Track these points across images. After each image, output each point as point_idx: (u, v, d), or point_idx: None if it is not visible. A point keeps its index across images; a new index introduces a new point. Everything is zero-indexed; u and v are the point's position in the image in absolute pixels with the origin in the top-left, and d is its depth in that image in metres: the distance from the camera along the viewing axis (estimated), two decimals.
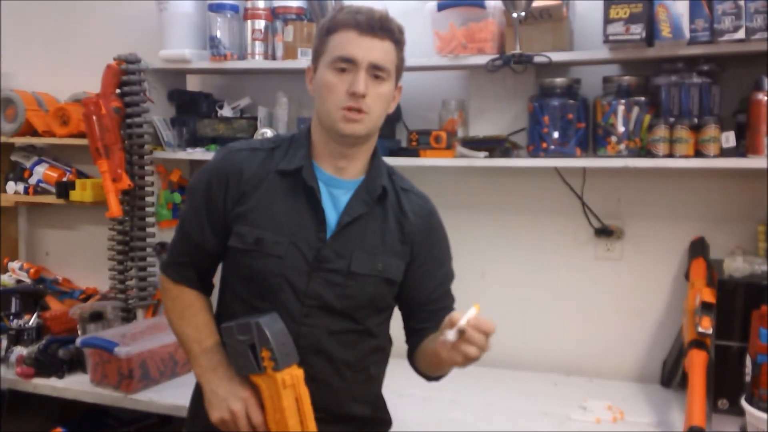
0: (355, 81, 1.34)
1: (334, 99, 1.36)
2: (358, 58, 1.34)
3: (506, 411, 1.99)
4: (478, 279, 2.41)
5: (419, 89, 2.40)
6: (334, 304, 1.41)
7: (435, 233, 1.54)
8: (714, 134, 1.92)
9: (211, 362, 1.39)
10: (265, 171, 1.43)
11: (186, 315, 1.47)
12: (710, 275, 1.95)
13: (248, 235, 1.40)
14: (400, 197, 1.49)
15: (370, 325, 1.46)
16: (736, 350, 1.81)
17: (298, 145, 1.46)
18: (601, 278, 2.28)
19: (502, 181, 2.36)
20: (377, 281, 1.44)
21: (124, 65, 2.41)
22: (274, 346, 1.27)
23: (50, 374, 2.22)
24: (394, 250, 1.45)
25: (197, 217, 1.46)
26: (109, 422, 2.45)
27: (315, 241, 1.40)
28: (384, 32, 1.37)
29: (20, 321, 2.38)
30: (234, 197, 1.42)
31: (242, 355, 1.29)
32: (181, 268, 1.49)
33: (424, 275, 1.51)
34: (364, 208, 1.43)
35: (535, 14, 2.05)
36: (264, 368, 1.28)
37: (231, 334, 1.30)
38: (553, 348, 2.34)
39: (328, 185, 1.43)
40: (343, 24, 1.36)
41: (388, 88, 1.40)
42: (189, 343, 1.44)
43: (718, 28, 1.87)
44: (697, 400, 1.66)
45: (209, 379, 1.38)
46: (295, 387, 1.29)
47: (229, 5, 2.38)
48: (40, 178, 2.76)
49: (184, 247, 1.49)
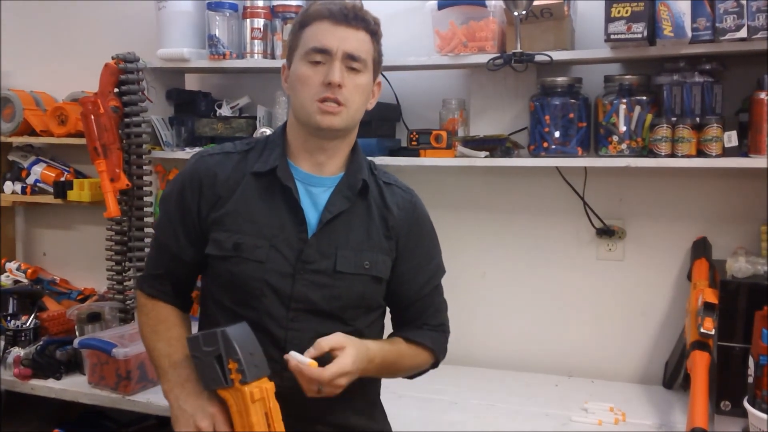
0: (331, 71, 1.31)
1: (309, 91, 1.33)
2: (332, 47, 1.32)
3: (507, 412, 1.98)
4: (479, 279, 2.40)
5: (419, 88, 2.40)
6: (322, 306, 1.36)
7: (420, 226, 1.49)
8: (716, 134, 1.91)
9: (180, 377, 1.32)
10: (239, 174, 1.39)
11: (159, 330, 1.41)
12: (713, 276, 1.94)
13: (226, 240, 1.36)
14: (383, 191, 1.45)
15: (360, 326, 1.41)
16: (738, 351, 1.79)
17: (272, 145, 1.42)
18: (603, 279, 2.27)
19: (502, 181, 2.35)
20: (365, 280, 1.39)
21: (123, 64, 2.39)
22: (242, 356, 1.19)
23: (48, 375, 2.21)
24: (380, 247, 1.41)
25: (172, 226, 1.42)
26: (107, 424, 2.44)
27: (296, 241, 1.36)
28: (358, 22, 1.35)
29: (17, 322, 2.37)
30: (209, 202, 1.39)
31: (208, 368, 1.21)
32: (156, 282, 1.44)
33: (412, 270, 1.46)
34: (346, 204, 1.39)
35: (536, 13, 2.04)
36: (231, 381, 1.20)
37: (196, 346, 1.23)
38: (555, 349, 2.33)
39: (305, 184, 1.40)
40: (315, 16, 1.35)
41: (365, 80, 1.37)
42: (159, 358, 1.38)
43: (720, 27, 1.86)
44: (700, 402, 1.65)
45: (177, 395, 1.31)
46: (264, 401, 1.21)
47: (228, 4, 2.37)
48: (37, 177, 2.75)
49: (160, 258, 1.45)
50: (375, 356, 1.35)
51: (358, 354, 1.29)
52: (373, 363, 1.35)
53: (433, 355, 1.51)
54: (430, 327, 1.51)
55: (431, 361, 1.51)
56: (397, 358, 1.44)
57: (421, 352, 1.48)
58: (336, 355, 1.26)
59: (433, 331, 1.51)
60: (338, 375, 1.25)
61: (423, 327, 1.49)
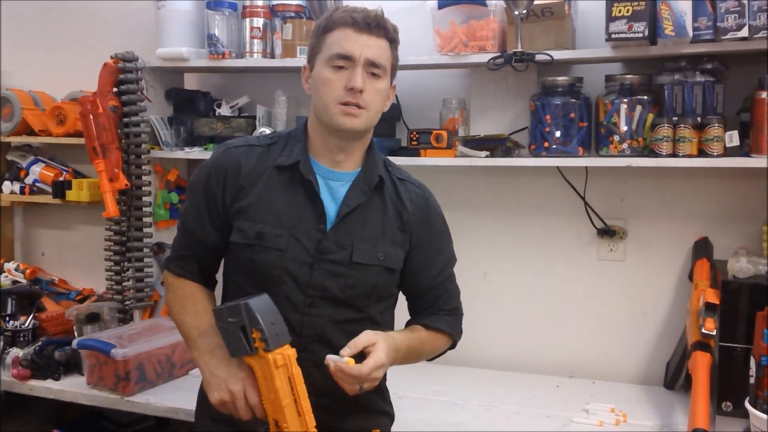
0: (353, 77, 1.39)
1: (332, 95, 1.40)
2: (355, 54, 1.39)
3: (508, 413, 1.97)
4: (480, 279, 2.40)
5: (420, 88, 2.39)
6: (337, 294, 1.44)
7: (433, 220, 1.57)
8: (717, 133, 1.90)
9: (209, 345, 1.40)
10: (263, 166, 1.47)
11: (186, 305, 1.49)
12: (714, 276, 1.93)
13: (249, 229, 1.44)
14: (397, 187, 1.53)
15: (372, 314, 1.49)
16: (740, 352, 1.79)
17: (294, 140, 1.50)
18: (604, 279, 2.27)
19: (503, 181, 2.35)
20: (379, 270, 1.47)
21: (122, 64, 2.39)
22: (264, 326, 1.27)
23: (46, 376, 2.20)
24: (394, 239, 1.49)
25: (198, 213, 1.49)
26: (106, 425, 2.43)
27: (315, 233, 1.44)
28: (379, 30, 1.42)
29: (16, 322, 2.37)
30: (233, 193, 1.46)
31: (234, 337, 1.29)
32: (182, 262, 1.52)
33: (425, 262, 1.55)
34: (363, 198, 1.47)
35: (537, 12, 2.03)
36: (255, 349, 1.28)
37: (221, 317, 1.31)
38: (556, 349, 2.32)
39: (325, 178, 1.47)
40: (339, 22, 1.42)
41: (384, 85, 1.45)
42: (188, 329, 1.46)
43: (722, 26, 1.86)
44: (701, 403, 1.65)
45: (207, 362, 1.39)
46: (287, 366, 1.29)
47: (227, 3, 2.37)
48: (36, 177, 2.74)
49: (186, 242, 1.52)
50: (401, 346, 1.43)
51: (388, 346, 1.37)
52: (400, 352, 1.43)
53: (451, 338, 1.60)
54: (446, 312, 1.59)
55: (450, 343, 1.60)
56: (420, 345, 1.52)
57: (440, 337, 1.57)
58: (369, 351, 1.34)
59: (448, 315, 1.59)
60: (376, 368, 1.33)
61: (438, 312, 1.58)
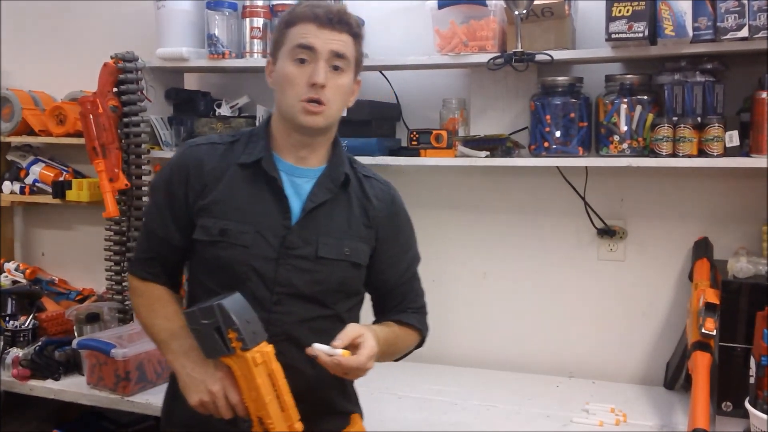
0: (315, 71, 1.38)
1: (295, 91, 1.40)
2: (318, 47, 1.39)
3: (507, 413, 1.97)
4: (480, 279, 2.40)
5: (420, 88, 2.39)
6: (304, 290, 1.43)
7: (399, 217, 1.58)
8: (718, 133, 1.90)
9: (183, 347, 1.39)
10: (226, 164, 1.46)
11: (155, 308, 1.48)
12: (714, 276, 1.93)
13: (213, 226, 1.43)
14: (363, 183, 1.53)
15: (340, 311, 1.48)
16: (740, 352, 1.79)
17: (257, 137, 1.49)
18: (604, 279, 2.26)
19: (503, 181, 2.35)
20: (345, 266, 1.47)
21: (122, 64, 2.39)
22: (240, 326, 1.25)
23: (46, 376, 2.20)
24: (360, 235, 1.49)
25: (160, 213, 1.48)
26: (106, 425, 2.43)
27: (280, 228, 1.43)
28: (342, 25, 1.41)
29: (16, 322, 2.36)
30: (196, 191, 1.45)
31: (209, 339, 1.28)
32: (146, 265, 1.51)
33: (392, 258, 1.55)
34: (328, 195, 1.46)
35: (537, 12, 2.03)
36: (233, 349, 1.26)
37: (194, 319, 1.29)
38: (555, 349, 2.32)
39: (289, 174, 1.47)
40: (301, 17, 1.41)
41: (347, 80, 1.44)
42: (159, 332, 1.45)
43: (722, 26, 1.85)
44: (701, 403, 1.64)
45: (183, 364, 1.38)
46: (266, 364, 1.29)
47: (227, 3, 2.36)
48: (36, 177, 2.74)
49: (150, 244, 1.51)
50: (380, 339, 1.42)
51: (375, 338, 1.37)
52: (382, 345, 1.42)
53: (421, 334, 1.60)
54: (413, 310, 1.59)
55: (418, 339, 1.61)
56: (395, 340, 1.52)
57: (411, 333, 1.57)
58: (359, 342, 1.34)
59: (416, 312, 1.60)
60: (370, 358, 1.33)
61: (407, 310, 1.58)
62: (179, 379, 1.39)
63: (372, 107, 2.26)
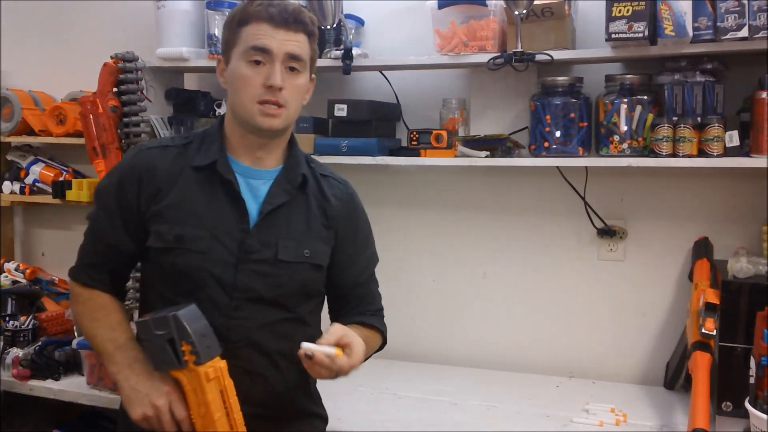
0: (272, 74, 1.35)
1: (250, 92, 1.36)
2: (273, 49, 1.35)
3: (507, 414, 1.97)
4: (480, 279, 2.40)
5: (420, 88, 2.39)
6: (265, 294, 1.40)
7: (358, 216, 1.56)
8: (718, 133, 1.90)
9: (127, 359, 1.35)
10: (179, 167, 1.42)
11: (98, 317, 1.42)
12: (714, 276, 1.93)
13: (167, 232, 1.38)
14: (320, 183, 1.50)
15: (302, 313, 1.46)
16: (740, 352, 1.78)
17: (211, 139, 1.45)
18: (604, 279, 2.26)
19: (503, 181, 2.35)
20: (306, 268, 1.44)
21: (122, 64, 2.38)
22: (195, 339, 1.22)
23: (46, 376, 2.20)
24: (319, 236, 1.47)
25: (110, 219, 1.43)
26: (106, 425, 2.43)
27: (238, 232, 1.39)
28: (297, 24, 1.37)
29: (16, 322, 2.37)
30: (149, 195, 1.40)
31: (160, 350, 1.24)
32: (92, 271, 1.45)
33: (351, 257, 1.53)
34: (286, 196, 1.44)
35: (537, 12, 2.03)
36: (185, 362, 1.23)
37: (146, 330, 1.25)
38: (555, 349, 2.32)
39: (245, 177, 1.43)
40: (255, 16, 1.36)
41: (303, 80, 1.41)
42: (103, 343, 1.39)
43: (722, 26, 1.85)
44: (701, 403, 1.64)
45: (127, 376, 1.33)
46: (219, 380, 1.26)
47: (227, 3, 2.36)
48: (36, 177, 2.74)
49: (96, 249, 1.46)
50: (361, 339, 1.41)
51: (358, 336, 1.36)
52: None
53: (382, 336, 1.58)
54: (371, 312, 1.57)
55: (381, 341, 1.59)
56: (366, 341, 1.50)
57: (375, 335, 1.56)
58: (345, 342, 1.32)
59: (374, 315, 1.58)
60: (361, 357, 1.33)
61: (366, 313, 1.56)
62: (122, 392, 1.34)
63: (372, 107, 2.26)
